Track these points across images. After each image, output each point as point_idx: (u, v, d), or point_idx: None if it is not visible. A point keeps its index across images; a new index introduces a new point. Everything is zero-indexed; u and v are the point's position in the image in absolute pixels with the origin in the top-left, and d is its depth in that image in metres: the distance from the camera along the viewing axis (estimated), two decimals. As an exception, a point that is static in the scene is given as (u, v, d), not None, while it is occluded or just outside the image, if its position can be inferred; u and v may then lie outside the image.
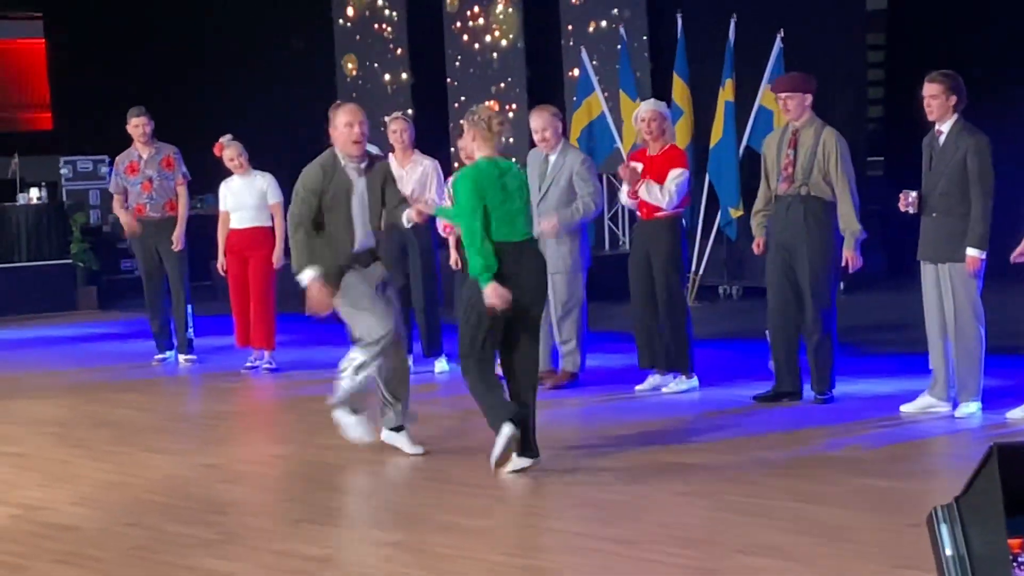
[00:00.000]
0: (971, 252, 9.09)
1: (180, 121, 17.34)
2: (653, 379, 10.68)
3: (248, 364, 12.61)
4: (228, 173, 12.59)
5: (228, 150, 12.39)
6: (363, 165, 8.80)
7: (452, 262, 11.48)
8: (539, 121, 10.85)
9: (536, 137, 10.90)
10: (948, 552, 3.92)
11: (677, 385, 10.57)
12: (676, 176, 10.34)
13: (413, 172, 11.60)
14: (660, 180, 10.33)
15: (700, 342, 10.88)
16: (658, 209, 10.37)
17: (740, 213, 15.22)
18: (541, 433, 8.34)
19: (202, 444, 9.57)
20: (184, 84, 21.66)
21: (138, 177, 13.02)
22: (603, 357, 11.87)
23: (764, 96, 15.12)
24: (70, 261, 18.67)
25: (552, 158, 10.82)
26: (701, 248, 16.27)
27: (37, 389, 12.12)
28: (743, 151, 15.44)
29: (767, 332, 10.15)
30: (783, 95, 9.95)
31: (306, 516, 7.36)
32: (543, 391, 10.54)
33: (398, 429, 8.86)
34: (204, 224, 15.00)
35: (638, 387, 10.70)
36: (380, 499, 7.77)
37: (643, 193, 10.31)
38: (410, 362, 9.46)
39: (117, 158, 13.17)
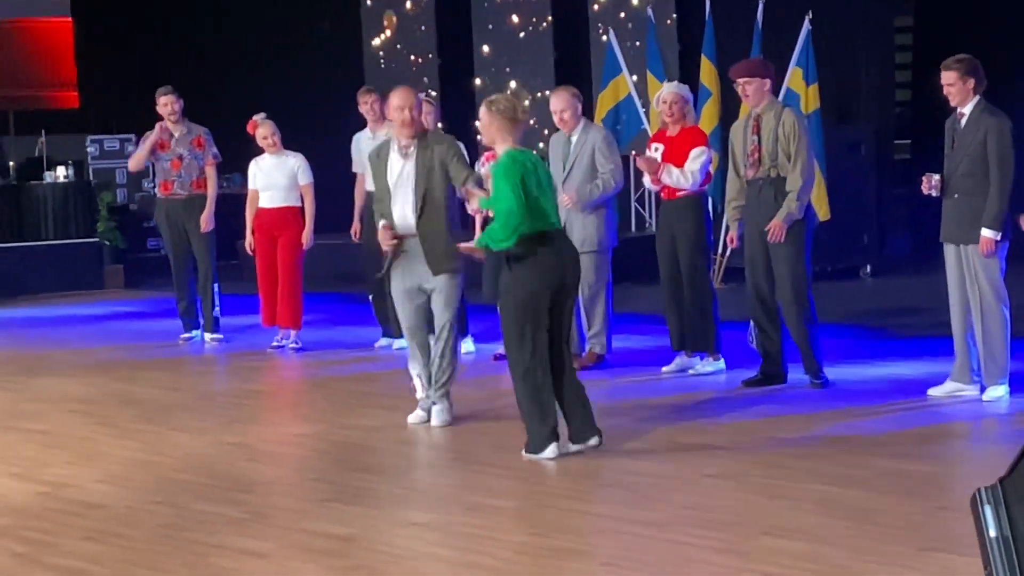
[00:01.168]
0: (985, 233, 9.00)
1: (206, 101, 17.32)
2: (680, 360, 10.67)
3: (274, 343, 12.62)
4: (254, 153, 12.57)
5: (262, 128, 12.36)
6: (410, 149, 8.96)
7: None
8: (558, 102, 10.85)
9: (555, 118, 10.90)
10: (992, 533, 3.91)
11: (704, 367, 10.56)
12: (697, 155, 10.34)
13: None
14: (680, 161, 10.34)
15: (727, 324, 10.86)
16: (680, 188, 10.37)
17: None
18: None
19: (228, 423, 9.59)
20: (210, 64, 21.67)
21: (168, 154, 13.01)
22: (629, 339, 11.85)
23: (792, 79, 15.08)
24: (96, 240, 18.71)
25: (574, 138, 10.82)
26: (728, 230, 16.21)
27: (63, 367, 12.15)
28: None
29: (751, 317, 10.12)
30: (741, 80, 9.92)
31: (333, 496, 7.37)
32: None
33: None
34: (231, 203, 15.00)
35: (665, 368, 10.69)
36: (407, 479, 7.77)
37: (665, 178, 10.31)
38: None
39: (146, 133, 13.15)
